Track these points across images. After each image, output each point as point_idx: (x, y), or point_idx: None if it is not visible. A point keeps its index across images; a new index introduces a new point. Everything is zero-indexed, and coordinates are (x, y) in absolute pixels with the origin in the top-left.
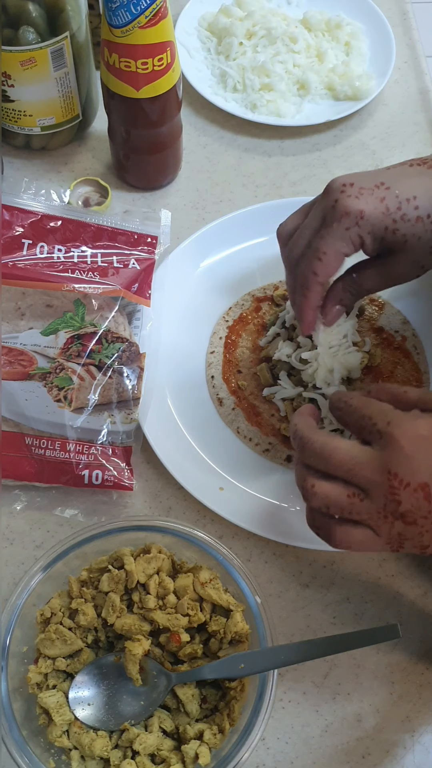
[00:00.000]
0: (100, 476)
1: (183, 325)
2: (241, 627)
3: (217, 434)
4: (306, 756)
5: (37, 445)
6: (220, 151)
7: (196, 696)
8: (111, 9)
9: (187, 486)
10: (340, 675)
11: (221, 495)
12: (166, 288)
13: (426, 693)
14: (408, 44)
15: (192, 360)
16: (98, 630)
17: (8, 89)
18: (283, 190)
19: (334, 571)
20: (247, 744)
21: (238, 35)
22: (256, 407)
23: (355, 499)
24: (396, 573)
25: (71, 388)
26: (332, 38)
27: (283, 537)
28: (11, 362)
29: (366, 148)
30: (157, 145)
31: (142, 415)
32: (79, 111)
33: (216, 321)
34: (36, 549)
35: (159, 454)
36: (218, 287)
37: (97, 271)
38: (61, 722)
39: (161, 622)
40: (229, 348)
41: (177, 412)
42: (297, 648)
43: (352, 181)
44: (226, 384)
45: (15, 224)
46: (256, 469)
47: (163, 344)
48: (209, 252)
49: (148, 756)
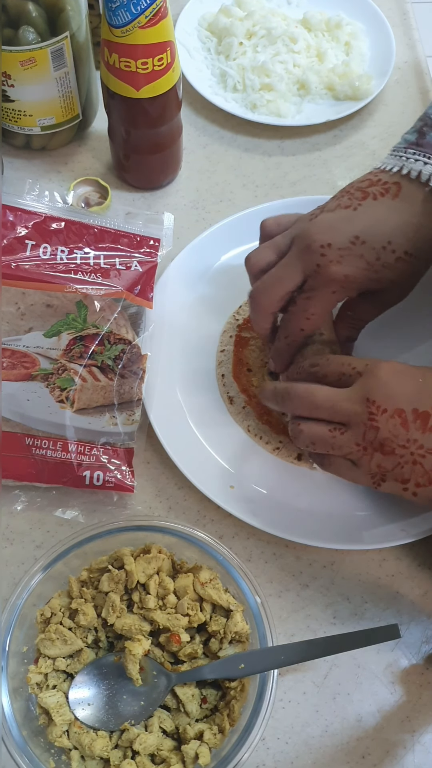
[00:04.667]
0: (101, 477)
1: (193, 324)
2: (241, 627)
3: (227, 432)
4: (306, 756)
5: (37, 446)
6: (220, 151)
7: (196, 696)
8: (111, 9)
9: (198, 485)
10: (340, 675)
11: (232, 493)
12: (176, 287)
13: (426, 693)
14: (408, 44)
15: (202, 358)
16: (98, 630)
17: (8, 89)
18: (283, 190)
19: (334, 571)
20: (247, 744)
21: (238, 35)
22: (266, 405)
23: (336, 433)
24: (396, 573)
25: (73, 389)
26: (332, 38)
27: (297, 536)
28: (14, 364)
29: (366, 148)
30: (157, 145)
31: (150, 413)
32: (79, 111)
33: (226, 319)
34: (36, 549)
35: (170, 452)
36: (229, 285)
37: (99, 273)
38: (61, 722)
39: (161, 622)
40: (239, 346)
41: (187, 410)
42: (297, 648)
43: (329, 241)
44: (237, 382)
45: (18, 225)
46: (266, 467)
47: (173, 343)
48: (220, 251)
49: (148, 756)
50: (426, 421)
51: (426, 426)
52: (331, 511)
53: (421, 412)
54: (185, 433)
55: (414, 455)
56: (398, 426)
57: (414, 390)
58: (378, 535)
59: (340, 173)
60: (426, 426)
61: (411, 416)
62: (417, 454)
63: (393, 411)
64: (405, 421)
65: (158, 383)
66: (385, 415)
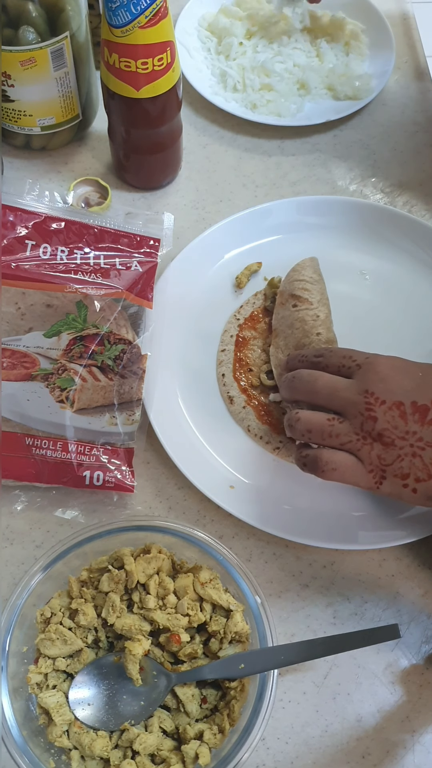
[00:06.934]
0: (101, 477)
1: (193, 324)
2: (241, 627)
3: (227, 432)
4: (306, 756)
5: (37, 446)
6: (220, 151)
7: (196, 696)
8: (111, 9)
9: (198, 485)
10: (340, 675)
11: (232, 493)
12: (177, 286)
13: (426, 693)
14: (408, 44)
15: (202, 358)
16: (98, 630)
17: (8, 89)
18: (283, 190)
19: (334, 571)
20: (247, 744)
21: (238, 35)
22: (266, 405)
23: (334, 422)
24: (396, 573)
25: (73, 389)
26: (332, 38)
27: (297, 536)
28: (14, 364)
29: (366, 148)
30: (157, 145)
31: (150, 413)
32: (79, 111)
33: (226, 319)
34: (36, 549)
35: (170, 452)
36: (229, 285)
37: (99, 273)
38: (61, 722)
39: (161, 622)
40: (240, 346)
41: (187, 410)
42: (297, 648)
43: None
44: (237, 382)
45: (18, 225)
46: (266, 467)
47: (173, 343)
48: (220, 251)
49: (148, 756)
50: (425, 414)
51: (425, 419)
52: (331, 511)
53: (420, 405)
54: (185, 433)
55: (414, 447)
56: (396, 418)
57: (413, 384)
58: (378, 535)
59: (340, 173)
60: (425, 419)
61: (410, 409)
62: (416, 446)
63: (391, 403)
64: (403, 413)
65: (158, 383)
66: (383, 406)
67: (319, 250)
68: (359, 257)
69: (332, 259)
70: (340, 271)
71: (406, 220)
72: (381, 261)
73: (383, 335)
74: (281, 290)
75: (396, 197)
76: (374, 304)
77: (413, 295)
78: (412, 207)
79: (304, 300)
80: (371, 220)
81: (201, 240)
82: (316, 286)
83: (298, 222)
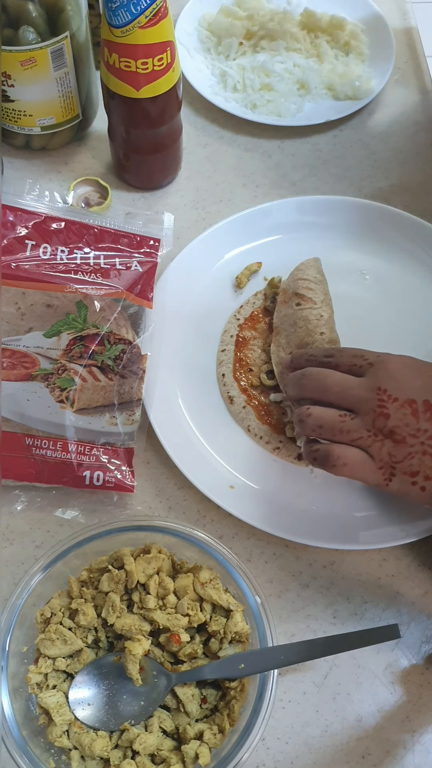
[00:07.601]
0: (101, 477)
1: (193, 324)
2: (241, 627)
3: (227, 432)
4: (306, 756)
5: (37, 446)
6: (220, 151)
7: (196, 696)
8: (111, 9)
9: (198, 485)
10: (340, 675)
11: (232, 493)
12: (177, 286)
13: (426, 693)
14: (408, 44)
15: (202, 358)
16: (98, 630)
17: (8, 89)
18: (283, 190)
19: (334, 571)
20: (247, 744)
21: (238, 35)
22: (266, 405)
23: (345, 418)
24: (396, 573)
25: (73, 389)
26: (332, 38)
27: (297, 536)
28: (14, 364)
29: (366, 148)
30: (157, 145)
31: (150, 413)
32: (79, 111)
33: (227, 319)
34: (36, 549)
35: (170, 452)
36: (229, 285)
37: (99, 273)
38: (61, 722)
39: (161, 622)
40: (240, 346)
41: (187, 410)
42: (297, 648)
43: None
44: (237, 382)
45: (18, 225)
46: (266, 467)
47: (173, 343)
48: (220, 251)
49: (148, 756)
50: None
51: None
52: (331, 511)
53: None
54: (185, 433)
55: (424, 445)
56: (408, 415)
57: (425, 383)
58: (378, 535)
59: (339, 173)
60: None
61: (422, 407)
62: (427, 444)
63: (404, 401)
64: (415, 411)
65: (158, 383)
66: (395, 403)
67: (319, 250)
68: (359, 257)
69: (332, 259)
70: (340, 270)
71: (406, 220)
72: (381, 261)
73: (383, 335)
74: (284, 288)
75: (396, 197)
76: (374, 304)
77: (413, 295)
78: (412, 207)
79: (307, 299)
80: (371, 220)
81: (201, 240)
82: (319, 286)
83: (298, 222)
